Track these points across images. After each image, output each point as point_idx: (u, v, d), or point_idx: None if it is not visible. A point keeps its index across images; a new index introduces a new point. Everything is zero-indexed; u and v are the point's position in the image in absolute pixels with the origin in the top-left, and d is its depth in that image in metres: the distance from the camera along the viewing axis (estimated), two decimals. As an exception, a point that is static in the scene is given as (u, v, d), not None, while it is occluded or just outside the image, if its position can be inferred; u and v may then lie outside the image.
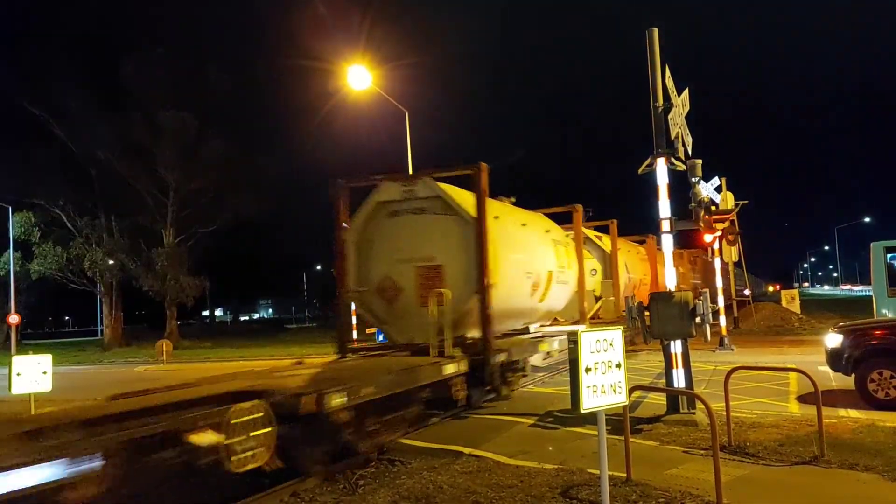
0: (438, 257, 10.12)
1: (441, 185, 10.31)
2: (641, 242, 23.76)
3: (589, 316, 15.98)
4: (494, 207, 11.01)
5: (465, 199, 10.21)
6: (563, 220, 15.61)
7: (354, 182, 11.21)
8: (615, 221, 18.26)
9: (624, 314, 17.10)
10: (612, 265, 17.99)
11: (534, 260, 12.17)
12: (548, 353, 12.13)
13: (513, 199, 13.00)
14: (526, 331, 12.75)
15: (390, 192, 10.57)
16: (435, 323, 9.33)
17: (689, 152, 10.56)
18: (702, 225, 12.11)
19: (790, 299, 32.76)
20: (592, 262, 18.02)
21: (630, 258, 21.38)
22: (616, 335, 5.36)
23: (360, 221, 10.78)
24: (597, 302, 17.59)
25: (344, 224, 10.80)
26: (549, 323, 14.35)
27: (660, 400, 9.63)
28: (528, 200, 14.70)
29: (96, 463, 4.78)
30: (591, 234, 18.73)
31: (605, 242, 18.64)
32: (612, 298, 17.27)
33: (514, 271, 11.05)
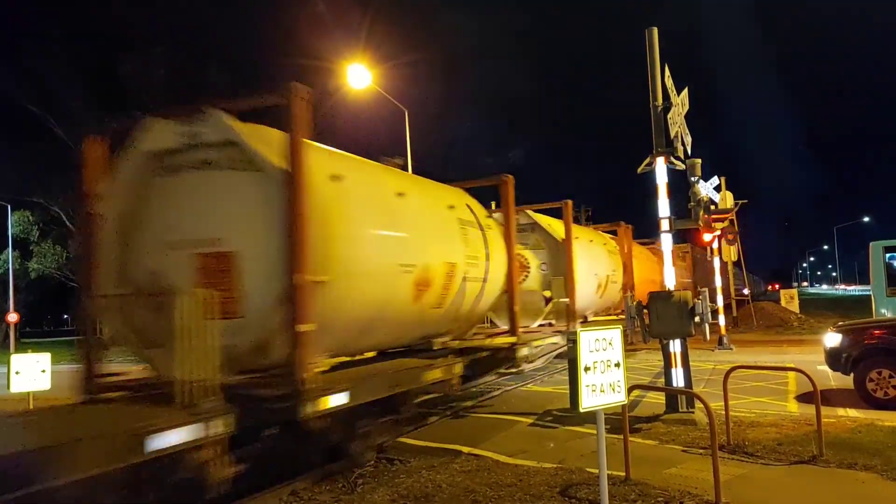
0: (229, 239, 6.40)
1: (240, 124, 6.63)
2: (612, 233, 19.62)
3: (537, 322, 13.25)
4: (334, 162, 7.47)
5: (278, 145, 6.39)
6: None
7: (113, 125, 7.14)
8: (569, 202, 14.36)
9: (581, 320, 16.01)
10: (565, 258, 14.12)
11: (420, 247, 8.30)
12: (441, 382, 8.49)
13: (399, 161, 9.80)
14: (427, 349, 9.24)
15: (163, 136, 6.69)
16: (202, 347, 5.54)
17: (689, 151, 10.57)
18: (701, 224, 12.07)
19: (789, 299, 32.83)
20: (540, 255, 14.95)
21: (593, 250, 17.08)
22: (615, 334, 5.37)
23: (120, 185, 6.81)
24: (546, 304, 14.23)
25: (94, 192, 6.79)
26: (470, 333, 10.73)
27: (659, 399, 9.64)
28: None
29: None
30: (541, 219, 15.10)
31: (558, 229, 14.72)
32: (565, 300, 13.77)
33: (375, 262, 7.37)
